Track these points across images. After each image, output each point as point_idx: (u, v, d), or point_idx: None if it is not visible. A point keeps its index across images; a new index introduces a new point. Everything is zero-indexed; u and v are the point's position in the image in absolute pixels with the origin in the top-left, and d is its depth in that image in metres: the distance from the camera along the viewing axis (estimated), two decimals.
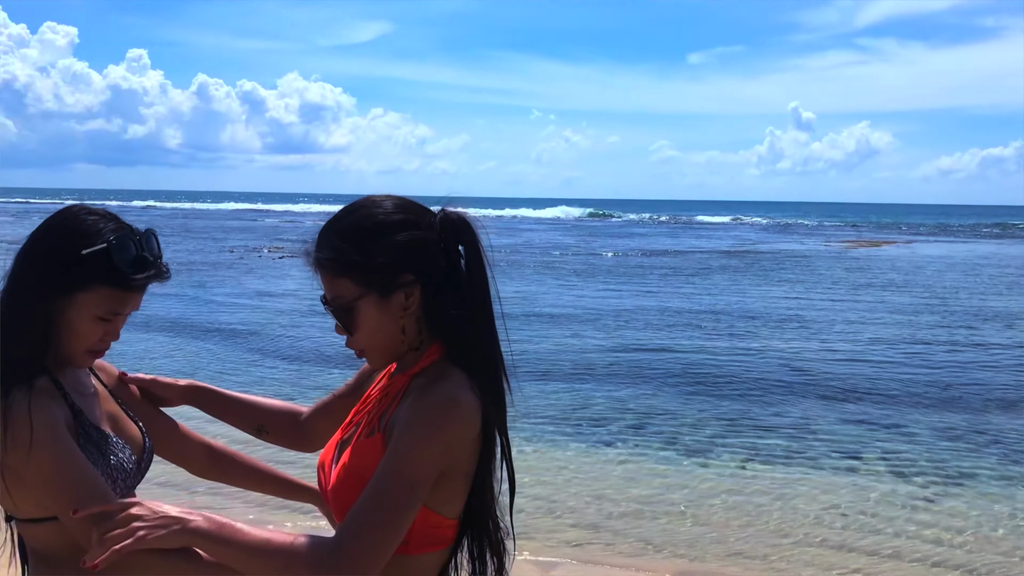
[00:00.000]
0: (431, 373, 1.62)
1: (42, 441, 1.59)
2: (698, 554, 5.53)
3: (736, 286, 21.52)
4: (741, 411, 9.13)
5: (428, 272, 1.62)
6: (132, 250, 1.69)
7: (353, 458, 1.60)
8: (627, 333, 14.08)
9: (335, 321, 1.67)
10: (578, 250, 34.43)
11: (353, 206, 1.67)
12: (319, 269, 1.65)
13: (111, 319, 1.71)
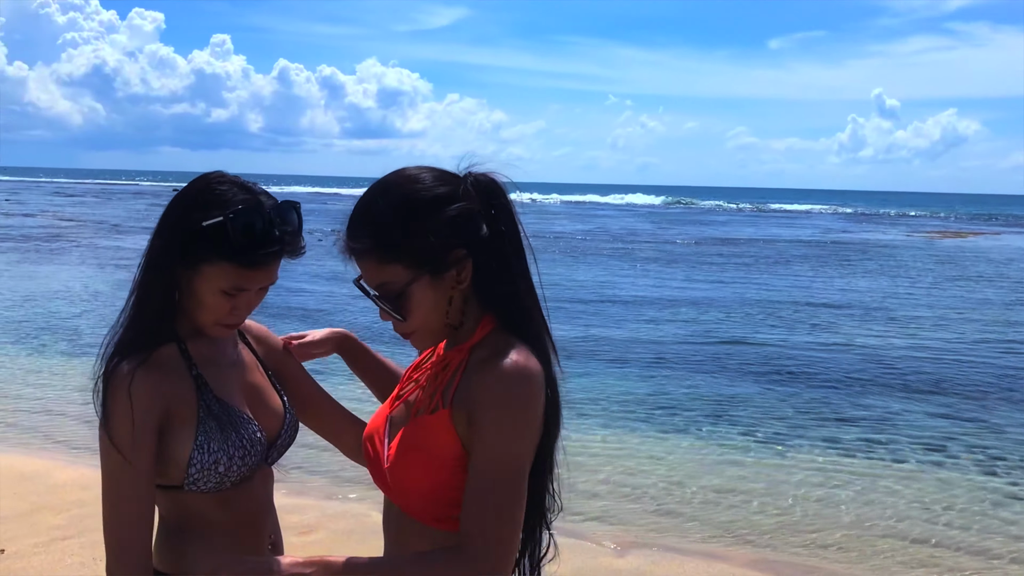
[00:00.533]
0: (490, 345, 1.56)
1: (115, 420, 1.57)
2: (775, 543, 5.46)
3: (817, 276, 21.09)
4: (820, 402, 8.96)
5: (476, 244, 1.55)
6: (254, 224, 1.60)
7: (415, 434, 1.55)
8: (704, 322, 13.92)
9: (380, 307, 1.59)
10: (654, 237, 34.12)
11: (386, 185, 1.57)
12: (361, 257, 1.55)
13: (236, 294, 1.65)
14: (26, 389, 8.80)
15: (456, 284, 1.56)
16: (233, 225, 1.58)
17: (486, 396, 1.48)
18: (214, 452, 1.64)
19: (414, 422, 1.57)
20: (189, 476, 1.64)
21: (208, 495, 1.67)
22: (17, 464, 6.33)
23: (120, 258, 21.66)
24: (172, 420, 1.63)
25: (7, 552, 4.66)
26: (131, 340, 1.64)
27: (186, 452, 1.62)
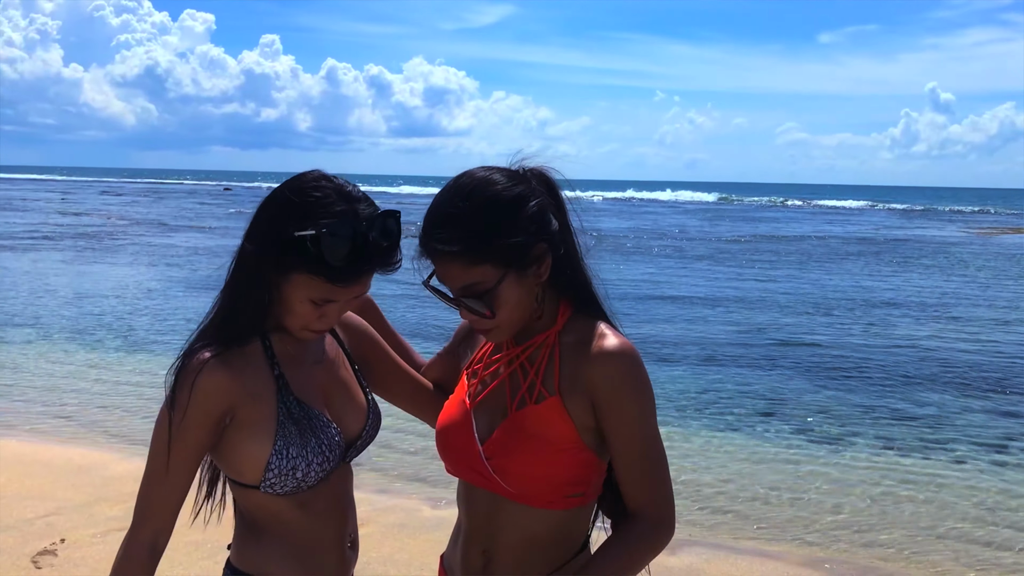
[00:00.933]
0: (576, 330, 1.67)
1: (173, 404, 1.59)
2: (829, 542, 5.36)
3: (871, 273, 20.74)
4: (876, 400, 8.80)
5: (552, 237, 1.63)
6: (347, 241, 1.53)
7: (523, 423, 1.62)
8: (755, 319, 13.75)
9: (462, 307, 1.62)
10: (704, 234, 33.82)
11: (465, 188, 1.60)
12: (449, 259, 1.58)
13: (323, 304, 1.61)
14: (82, 383, 8.96)
15: (537, 278, 1.63)
16: (325, 241, 1.52)
17: (613, 381, 1.59)
18: (292, 458, 1.62)
19: (519, 413, 1.63)
20: (266, 480, 1.63)
21: (285, 496, 1.66)
22: (75, 457, 6.45)
23: (172, 255, 22.03)
24: (246, 418, 1.62)
25: (66, 542, 4.74)
26: (215, 332, 1.64)
27: (264, 455, 1.61)
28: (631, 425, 1.60)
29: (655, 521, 1.61)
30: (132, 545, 1.62)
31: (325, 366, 1.76)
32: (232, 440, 1.63)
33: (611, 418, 1.60)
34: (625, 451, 1.61)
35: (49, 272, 18.26)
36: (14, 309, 13.37)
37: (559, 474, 1.60)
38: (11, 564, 4.43)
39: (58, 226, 31.36)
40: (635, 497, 1.62)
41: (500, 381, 1.70)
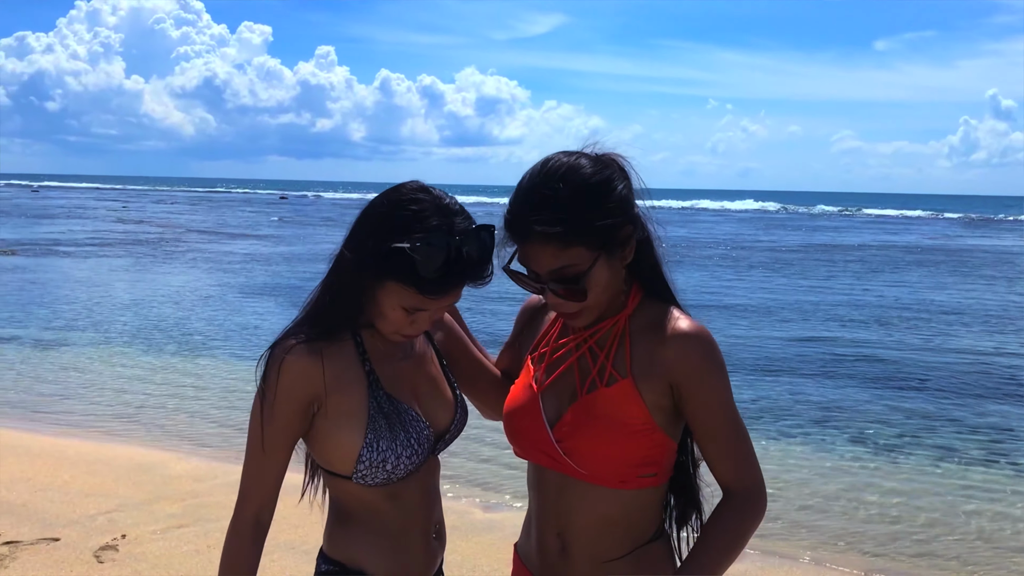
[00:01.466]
0: (647, 313, 1.70)
1: (263, 387, 1.66)
2: (886, 551, 5.27)
3: (929, 282, 20.33)
4: (934, 410, 8.62)
5: (636, 220, 1.67)
6: (441, 253, 1.56)
7: (595, 406, 1.64)
8: (811, 328, 13.57)
9: (549, 290, 1.63)
10: (758, 242, 33.45)
11: (555, 171, 1.61)
12: (543, 241, 1.58)
13: (414, 312, 1.65)
14: (144, 386, 9.15)
15: (623, 260, 1.66)
16: (419, 254, 1.56)
17: (695, 363, 1.63)
18: (383, 451, 1.66)
19: (589, 396, 1.66)
20: (357, 471, 1.67)
21: (376, 487, 1.70)
22: (136, 456, 6.59)
23: (228, 262, 22.39)
24: (335, 408, 1.67)
25: (127, 537, 4.85)
26: (307, 324, 1.69)
27: (355, 447, 1.66)
28: (716, 405, 1.64)
29: (749, 493, 1.65)
30: (238, 521, 1.70)
31: (414, 361, 1.80)
32: (323, 430, 1.68)
33: (695, 399, 1.63)
34: (712, 430, 1.65)
35: (109, 278, 18.69)
36: (77, 313, 13.71)
37: (631, 454, 1.63)
38: (75, 558, 4.54)
39: (119, 233, 32.09)
40: (726, 473, 1.66)
41: (568, 365, 1.72)
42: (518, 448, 1.77)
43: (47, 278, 18.35)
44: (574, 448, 1.64)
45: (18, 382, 9.16)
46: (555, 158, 1.64)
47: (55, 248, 25.14)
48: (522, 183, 1.64)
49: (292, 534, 4.93)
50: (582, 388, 1.68)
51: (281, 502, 2.60)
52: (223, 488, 5.81)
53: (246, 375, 9.73)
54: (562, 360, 1.73)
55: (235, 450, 6.97)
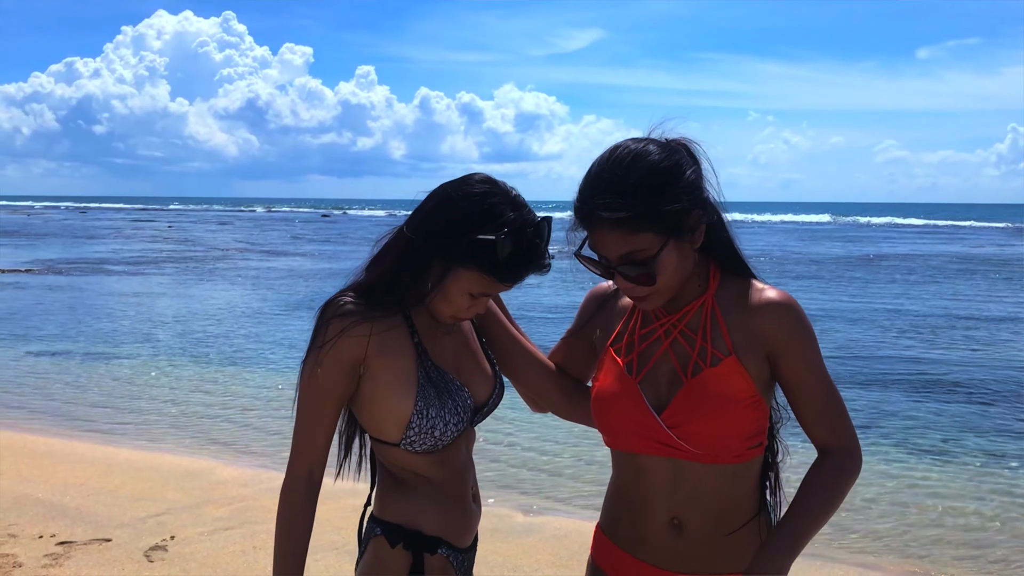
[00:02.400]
0: (732, 289, 1.76)
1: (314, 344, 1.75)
2: (933, 555, 5.22)
3: (977, 291, 20.03)
4: (980, 415, 8.51)
5: (706, 205, 1.70)
6: (520, 246, 1.69)
7: (705, 387, 1.68)
8: (854, 335, 13.44)
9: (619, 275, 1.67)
10: (801, 253, 33.18)
11: (623, 158, 1.64)
12: (613, 227, 1.62)
13: (478, 297, 1.77)
14: (190, 396, 9.33)
15: (692, 244, 1.69)
16: (503, 247, 1.68)
17: (786, 330, 1.69)
18: (431, 418, 1.76)
19: (696, 379, 1.69)
20: (407, 437, 1.77)
21: (422, 454, 1.79)
22: (183, 463, 6.73)
23: (272, 279, 22.70)
24: (383, 376, 1.76)
25: (176, 539, 4.96)
26: (360, 293, 1.78)
27: (406, 415, 1.75)
28: (809, 369, 1.70)
29: (848, 450, 1.70)
30: (291, 479, 1.78)
31: (456, 336, 1.90)
32: (371, 395, 1.77)
33: (790, 365, 1.70)
34: (808, 394, 1.70)
35: (155, 295, 19.04)
36: (124, 328, 13.99)
37: (745, 428, 1.69)
38: (126, 557, 4.66)
39: (164, 252, 32.65)
40: (822, 434, 1.72)
41: (663, 352, 1.75)
42: (617, 439, 1.80)
43: (96, 295, 18.74)
44: (689, 432, 1.68)
45: (69, 393, 9.38)
46: (623, 144, 1.68)
47: (103, 267, 25.66)
48: (591, 170, 1.68)
49: (335, 536, 5.02)
50: (686, 372, 1.71)
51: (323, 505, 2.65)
52: (269, 493, 5.91)
53: (288, 386, 9.88)
54: (654, 348, 1.76)
55: (280, 458, 7.08)
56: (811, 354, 1.70)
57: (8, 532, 4.96)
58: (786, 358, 1.69)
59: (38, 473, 6.18)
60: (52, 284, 20.62)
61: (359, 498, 4.19)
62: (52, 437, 7.39)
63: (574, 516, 5.61)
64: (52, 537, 4.92)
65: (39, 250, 32.26)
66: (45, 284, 20.60)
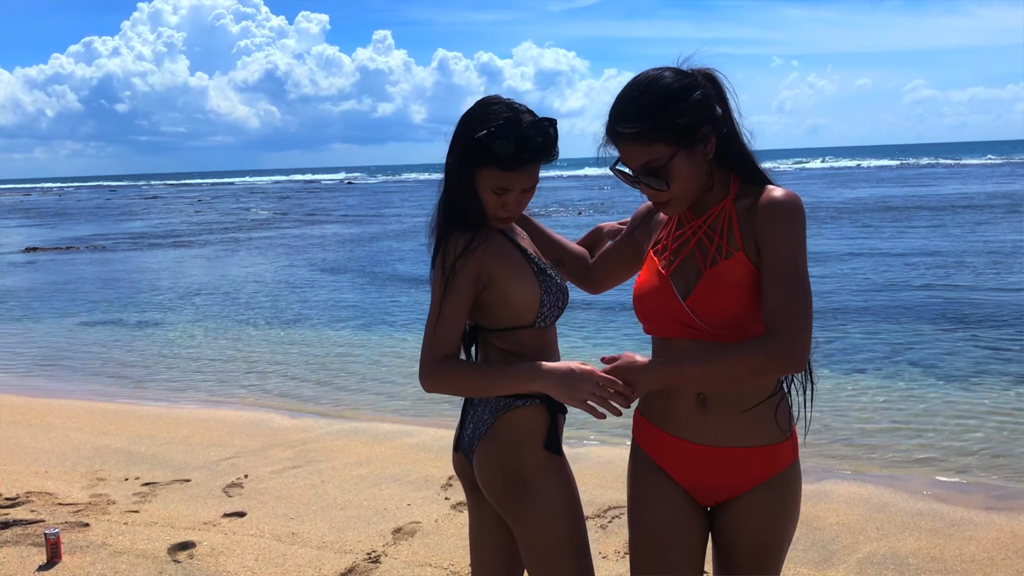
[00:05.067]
0: (748, 194, 2.00)
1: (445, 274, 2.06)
2: (961, 466, 5.49)
3: (1007, 227, 20.06)
4: (1008, 340, 8.73)
5: (715, 121, 1.97)
6: (511, 136, 2.00)
7: (720, 277, 1.95)
8: (884, 274, 13.64)
9: (641, 184, 1.96)
10: (828, 197, 33.12)
11: (640, 82, 1.95)
12: (630, 140, 1.92)
13: (502, 194, 2.07)
14: (242, 354, 9.74)
15: (704, 156, 1.96)
16: (495, 137, 2.00)
17: (773, 215, 1.91)
18: (553, 293, 2.15)
19: (713, 270, 1.97)
20: (541, 314, 2.13)
21: (538, 331, 2.16)
22: (244, 415, 7.12)
23: (304, 245, 23.12)
24: (506, 276, 2.10)
25: (249, 477, 5.35)
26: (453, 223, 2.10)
27: (536, 297, 2.12)
28: (781, 251, 1.89)
29: (784, 338, 1.83)
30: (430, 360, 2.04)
31: (530, 241, 2.31)
32: (500, 295, 2.11)
33: (765, 245, 1.91)
34: (772, 275, 1.88)
35: (195, 264, 19.53)
36: (169, 296, 14.46)
37: (752, 310, 1.94)
38: (207, 494, 5.05)
39: (196, 224, 33.21)
40: (771, 317, 1.86)
41: (690, 250, 2.03)
42: (652, 325, 2.10)
43: (138, 267, 19.26)
44: (708, 314, 1.96)
45: (125, 358, 9.82)
46: (644, 73, 1.98)
47: (140, 241, 26.23)
48: (617, 95, 1.99)
49: (396, 469, 5.39)
50: (706, 264, 1.99)
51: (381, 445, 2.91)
52: (328, 436, 6.30)
53: (335, 341, 10.28)
54: (683, 247, 2.06)
55: (336, 407, 7.48)
56: (787, 242, 1.89)
57: (96, 476, 5.37)
58: (763, 238, 1.92)
59: (113, 427, 6.60)
60: (95, 259, 21.19)
61: (414, 438, 4.53)
62: (117, 400, 7.81)
63: (616, 446, 5.92)
64: (137, 479, 5.33)
65: (77, 228, 32.92)
66: (89, 260, 21.16)
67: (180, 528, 4.50)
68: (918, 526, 4.45)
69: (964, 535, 4.33)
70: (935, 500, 4.87)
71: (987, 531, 4.38)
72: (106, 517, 4.65)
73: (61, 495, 5.00)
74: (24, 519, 4.57)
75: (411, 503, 4.82)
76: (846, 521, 4.52)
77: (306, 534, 4.42)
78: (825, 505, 4.74)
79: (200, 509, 4.79)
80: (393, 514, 4.68)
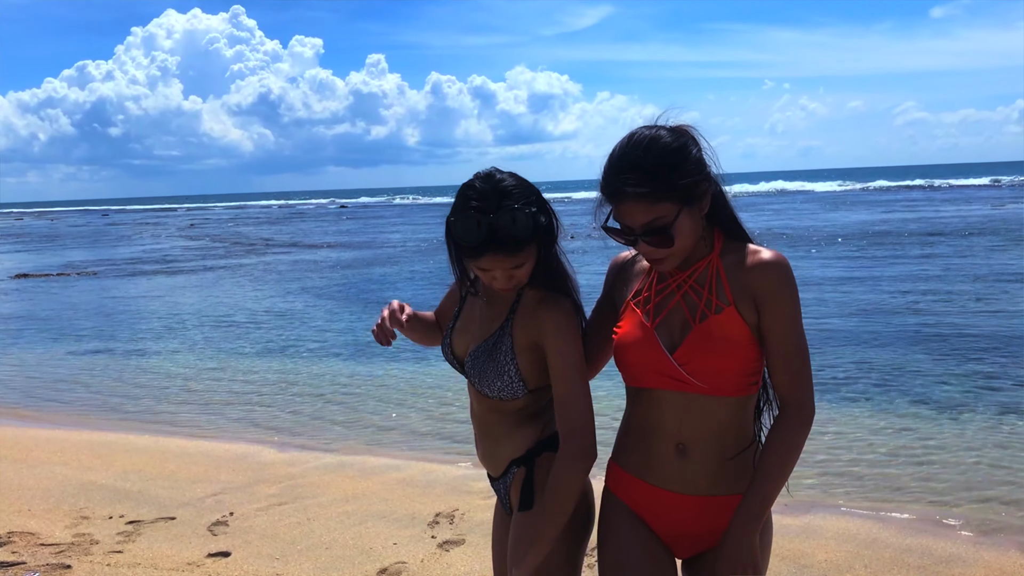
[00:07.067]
0: (733, 251, 2.06)
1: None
2: (950, 501, 5.47)
3: (996, 251, 20.13)
4: (997, 369, 8.73)
5: (710, 177, 2.03)
6: (468, 227, 2.00)
7: (710, 331, 1.98)
8: (872, 299, 13.65)
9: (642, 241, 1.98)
10: (820, 221, 33.24)
11: (640, 142, 1.98)
12: (636, 200, 1.94)
13: (484, 271, 2.09)
14: (229, 385, 9.70)
15: (701, 211, 2.02)
16: (454, 228, 2.04)
17: (772, 283, 1.98)
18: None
19: (703, 324, 2.00)
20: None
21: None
22: (231, 448, 7.08)
23: (296, 271, 23.08)
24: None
25: (235, 514, 5.31)
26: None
27: None
28: (786, 321, 1.98)
29: (802, 407, 1.99)
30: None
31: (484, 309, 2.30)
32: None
33: (769, 315, 1.98)
34: (777, 343, 1.98)
35: (185, 291, 19.48)
36: (159, 325, 14.41)
37: (744, 366, 1.99)
38: (192, 532, 5.01)
39: (188, 250, 33.18)
40: (781, 386, 2.00)
41: (675, 303, 2.06)
42: (635, 376, 2.10)
43: (129, 295, 19.20)
44: (697, 368, 1.98)
45: (114, 388, 9.77)
46: (638, 131, 2.01)
47: (131, 266, 26.17)
48: (613, 154, 2.01)
49: (382, 505, 5.35)
50: (695, 319, 2.01)
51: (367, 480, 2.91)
52: (316, 471, 6.26)
53: (325, 371, 10.24)
54: (667, 300, 2.08)
55: (323, 439, 7.44)
56: (788, 308, 1.98)
57: (80, 514, 5.33)
58: (767, 308, 1.98)
59: (99, 462, 6.56)
60: (87, 286, 21.12)
61: (402, 472, 4.46)
62: (104, 431, 7.76)
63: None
64: (121, 517, 5.28)
65: (70, 254, 32.86)
66: (80, 287, 21.10)
67: (163, 569, 4.46)
68: (906, 563, 4.43)
69: (952, 572, 4.32)
70: (924, 535, 4.85)
71: (975, 568, 4.36)
72: (88, 558, 4.61)
73: (44, 535, 4.96)
74: (5, 561, 4.53)
75: (397, 542, 4.79)
76: (834, 558, 4.50)
77: (290, 575, 4.38)
78: (813, 541, 4.72)
79: (184, 549, 4.75)
80: (379, 554, 4.64)
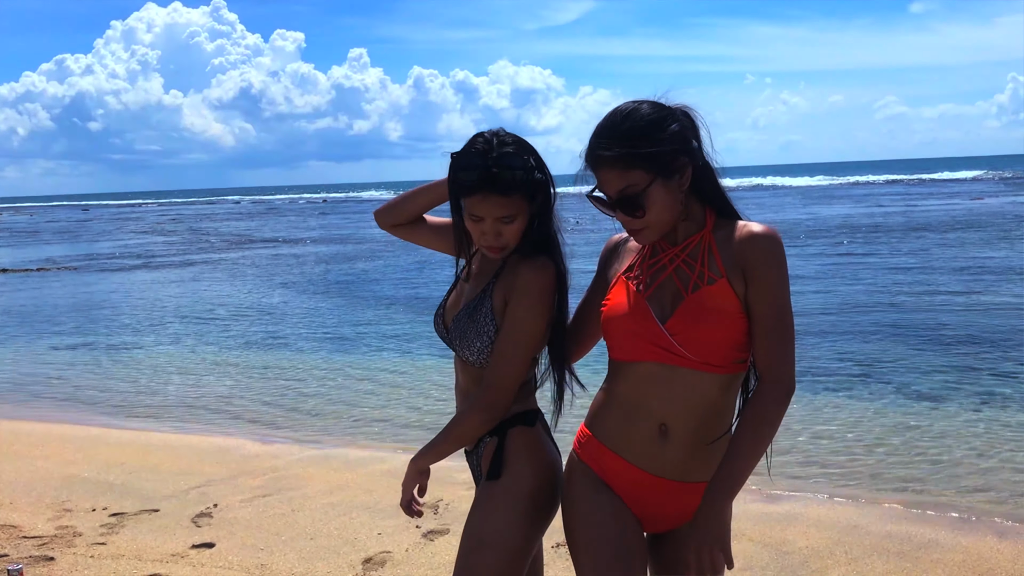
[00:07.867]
0: (724, 227, 2.05)
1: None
2: (929, 488, 5.53)
3: (976, 243, 20.32)
4: (976, 360, 8.82)
5: (692, 153, 2.00)
6: (467, 162, 2.08)
7: (702, 302, 1.98)
8: (854, 291, 13.76)
9: (617, 210, 1.99)
10: (808, 216, 33.41)
11: (620, 112, 2.00)
12: (610, 167, 1.96)
13: (476, 221, 2.13)
14: (213, 379, 9.69)
15: (680, 186, 2.00)
16: (454, 161, 2.13)
17: (760, 253, 1.97)
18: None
19: (695, 295, 2.00)
20: None
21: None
22: (215, 441, 7.07)
23: (277, 265, 23.01)
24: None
25: (219, 506, 5.30)
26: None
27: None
28: (771, 291, 1.96)
29: (781, 380, 1.95)
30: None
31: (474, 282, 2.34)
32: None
33: (755, 285, 1.96)
34: (764, 315, 1.96)
35: (166, 286, 19.40)
36: (140, 320, 14.35)
37: (735, 338, 1.98)
38: (176, 524, 5.01)
39: (169, 245, 33.01)
40: (763, 357, 1.97)
41: (667, 275, 2.05)
42: (623, 348, 2.08)
43: (109, 289, 19.10)
44: (688, 339, 1.98)
45: (96, 383, 9.73)
46: (623, 103, 2.03)
47: (111, 262, 26.01)
48: (596, 125, 2.04)
49: (366, 497, 5.36)
50: (687, 290, 2.01)
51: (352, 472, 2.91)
52: (299, 463, 6.26)
53: (308, 365, 10.23)
54: (659, 274, 2.08)
55: (306, 432, 7.44)
56: (775, 279, 1.96)
57: (63, 507, 5.31)
58: (753, 278, 1.96)
59: (81, 455, 6.53)
60: (67, 281, 20.98)
61: (385, 464, 4.51)
62: (88, 425, 7.72)
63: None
64: (104, 510, 5.27)
65: (50, 249, 32.62)
66: (60, 281, 20.96)
67: (147, 560, 4.45)
68: (886, 549, 4.48)
69: (931, 558, 4.36)
70: (903, 521, 4.91)
71: (953, 554, 4.41)
72: (72, 550, 4.59)
73: (26, 527, 4.94)
74: None
75: (381, 532, 4.79)
76: (815, 545, 4.54)
77: (275, 566, 4.39)
78: (795, 528, 4.76)
79: (168, 540, 4.75)
80: (363, 544, 4.65)
